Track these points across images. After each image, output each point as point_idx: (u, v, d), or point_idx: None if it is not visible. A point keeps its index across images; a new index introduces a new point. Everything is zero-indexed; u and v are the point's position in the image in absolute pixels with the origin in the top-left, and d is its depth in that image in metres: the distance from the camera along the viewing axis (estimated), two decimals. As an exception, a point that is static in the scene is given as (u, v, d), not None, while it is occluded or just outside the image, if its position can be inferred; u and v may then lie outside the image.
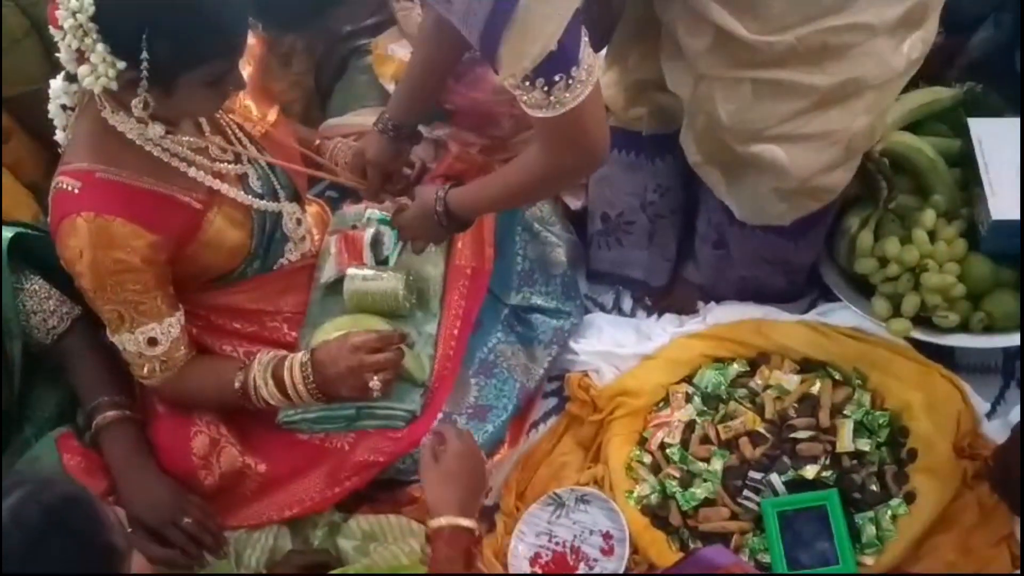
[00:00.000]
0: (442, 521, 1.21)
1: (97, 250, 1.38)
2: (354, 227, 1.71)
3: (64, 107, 1.43)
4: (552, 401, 1.76)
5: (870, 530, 1.45)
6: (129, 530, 1.02)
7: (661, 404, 1.67)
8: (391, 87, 1.97)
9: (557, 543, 1.56)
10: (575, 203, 1.91)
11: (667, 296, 1.86)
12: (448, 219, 1.53)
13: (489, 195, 1.53)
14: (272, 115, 1.66)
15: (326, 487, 1.54)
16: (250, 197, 1.53)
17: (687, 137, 1.56)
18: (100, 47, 1.27)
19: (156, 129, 1.40)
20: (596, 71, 1.28)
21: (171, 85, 1.33)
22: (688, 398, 1.66)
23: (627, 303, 1.87)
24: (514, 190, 1.50)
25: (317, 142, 1.83)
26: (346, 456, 1.54)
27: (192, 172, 1.45)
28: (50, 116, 1.44)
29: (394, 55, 2.00)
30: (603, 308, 1.87)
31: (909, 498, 1.47)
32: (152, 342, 1.45)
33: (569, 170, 1.44)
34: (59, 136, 1.46)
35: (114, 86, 1.30)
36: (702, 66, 1.43)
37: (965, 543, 1.43)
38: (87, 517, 0.95)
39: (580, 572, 1.52)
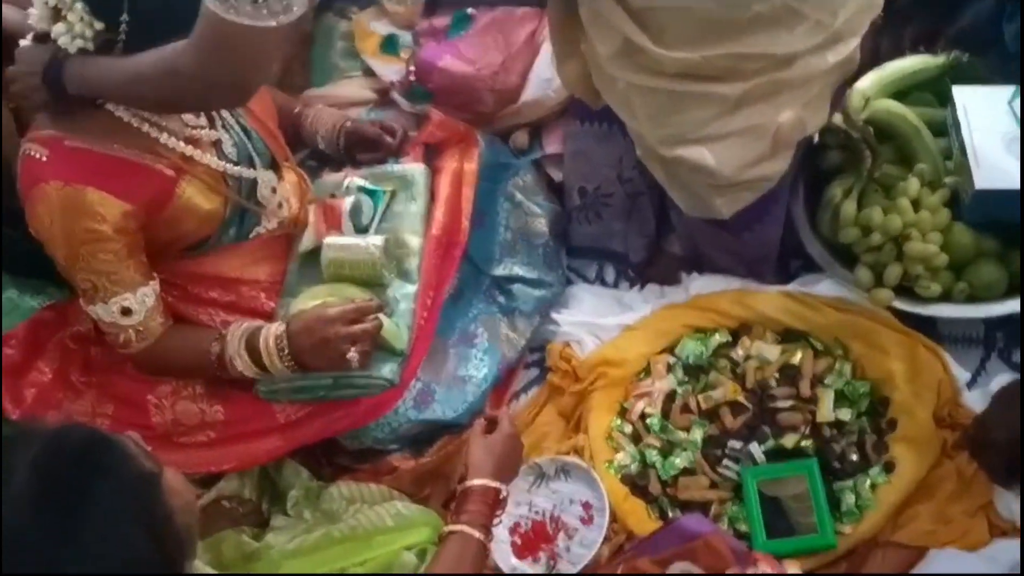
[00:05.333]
0: (477, 481, 1.31)
1: (67, 219, 1.36)
2: (333, 196, 1.69)
3: None
4: (533, 372, 1.76)
5: (849, 499, 1.45)
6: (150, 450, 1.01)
7: (642, 374, 1.67)
8: (373, 62, 1.95)
9: (537, 512, 1.55)
10: (558, 174, 1.90)
11: (649, 268, 1.84)
12: (57, 87, 1.32)
13: (112, 76, 1.32)
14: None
15: (285, 443, 1.54)
16: (224, 163, 1.50)
17: (630, 132, 1.55)
18: (79, 5, 1.25)
19: None
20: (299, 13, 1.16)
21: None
22: (669, 368, 1.65)
23: (610, 275, 1.86)
24: (139, 80, 1.30)
25: (297, 109, 1.81)
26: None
27: (164, 138, 1.43)
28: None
29: (376, 31, 1.98)
30: (586, 279, 1.86)
31: (888, 467, 1.47)
32: (126, 312, 1.44)
33: (205, 86, 1.27)
34: None
35: (90, 47, 1.28)
36: (612, 69, 1.41)
37: (944, 512, 1.43)
38: (113, 452, 0.93)
39: (559, 542, 1.51)
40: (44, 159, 1.37)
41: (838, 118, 1.62)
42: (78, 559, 0.85)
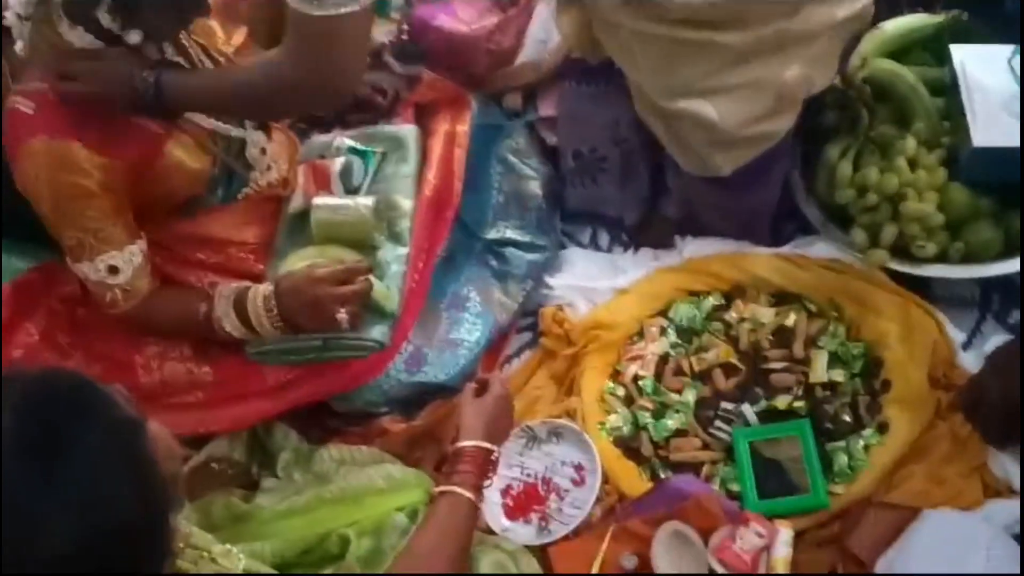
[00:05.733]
0: (468, 442, 1.31)
1: (53, 174, 1.35)
2: (323, 157, 1.67)
3: (20, 16, 1.38)
4: (526, 336, 1.75)
5: (842, 459, 1.44)
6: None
7: (635, 337, 1.66)
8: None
9: (528, 475, 1.55)
10: (552, 137, 1.88)
11: (643, 231, 1.83)
12: (155, 101, 1.35)
13: (213, 89, 1.39)
14: (239, 37, 1.62)
15: (275, 406, 1.52)
16: (212, 121, 1.48)
17: (630, 85, 1.52)
18: None
19: (134, 36, 1.34)
20: None
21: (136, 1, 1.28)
22: (662, 331, 1.64)
23: (603, 239, 1.85)
24: (243, 93, 1.37)
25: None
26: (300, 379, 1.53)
27: None
28: (6, 24, 1.39)
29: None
30: (579, 243, 1.85)
31: (882, 428, 1.46)
32: (113, 270, 1.42)
33: (310, 88, 1.30)
34: (18, 47, 1.41)
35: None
36: (615, 16, 1.39)
37: (937, 473, 1.42)
38: (98, 396, 0.92)
39: (551, 503, 1.51)
40: (31, 113, 1.35)
41: (835, 77, 1.60)
42: (60, 500, 0.84)
